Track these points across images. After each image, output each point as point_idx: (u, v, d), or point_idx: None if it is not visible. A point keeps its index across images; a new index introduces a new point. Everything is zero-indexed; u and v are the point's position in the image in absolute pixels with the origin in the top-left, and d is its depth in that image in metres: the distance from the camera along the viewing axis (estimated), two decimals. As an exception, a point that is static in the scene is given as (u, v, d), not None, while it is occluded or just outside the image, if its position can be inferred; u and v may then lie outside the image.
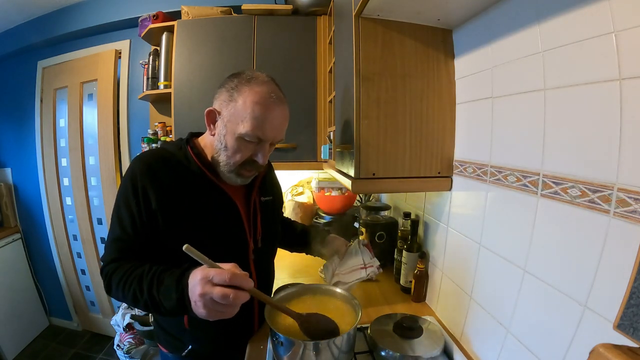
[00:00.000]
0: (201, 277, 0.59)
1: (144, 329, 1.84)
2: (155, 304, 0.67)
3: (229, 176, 0.81)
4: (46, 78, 2.34)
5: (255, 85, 0.75)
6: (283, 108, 0.78)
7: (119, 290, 0.72)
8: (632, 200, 0.45)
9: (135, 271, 0.71)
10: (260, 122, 0.74)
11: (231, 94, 0.75)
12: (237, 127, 0.74)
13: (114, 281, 0.72)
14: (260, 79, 0.76)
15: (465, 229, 0.90)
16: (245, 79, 0.76)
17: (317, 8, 1.59)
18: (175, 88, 1.61)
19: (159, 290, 0.66)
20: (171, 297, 0.64)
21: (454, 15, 0.86)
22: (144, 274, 0.70)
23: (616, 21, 0.47)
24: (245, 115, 0.73)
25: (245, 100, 0.73)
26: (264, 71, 0.81)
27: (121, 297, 0.72)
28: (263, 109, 0.74)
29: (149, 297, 0.67)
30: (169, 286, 0.65)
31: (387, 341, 0.82)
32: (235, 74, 0.79)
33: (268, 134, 0.76)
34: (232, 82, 0.76)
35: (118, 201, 0.77)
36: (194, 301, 0.60)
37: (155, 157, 0.79)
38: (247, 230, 0.86)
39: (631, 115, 0.46)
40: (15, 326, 2.29)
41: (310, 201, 1.91)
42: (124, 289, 0.70)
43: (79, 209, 2.34)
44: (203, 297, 0.58)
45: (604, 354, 0.35)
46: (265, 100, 0.74)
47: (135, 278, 0.70)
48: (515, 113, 0.70)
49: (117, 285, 0.72)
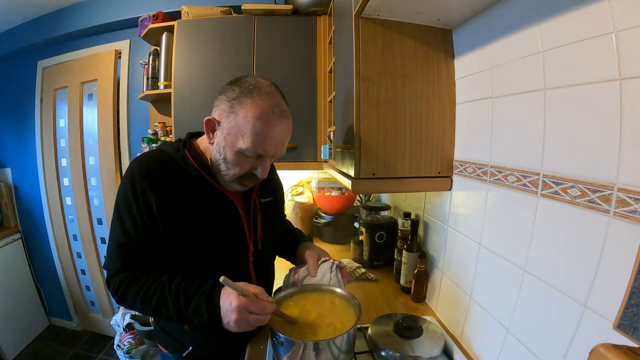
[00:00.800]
0: (238, 306, 0.67)
1: (144, 329, 1.84)
2: (183, 318, 0.72)
3: (230, 184, 0.79)
4: (46, 78, 2.34)
5: (258, 97, 0.70)
6: (286, 123, 0.74)
7: (136, 304, 0.74)
8: (632, 200, 0.45)
9: (153, 285, 0.73)
10: (262, 139, 0.70)
11: (232, 105, 0.71)
12: (236, 141, 0.71)
13: (129, 294, 0.74)
14: (263, 89, 0.72)
15: (465, 229, 0.90)
16: (248, 90, 0.71)
17: (317, 8, 1.59)
18: (175, 88, 1.61)
19: (188, 307, 0.71)
20: (202, 315, 0.70)
21: (454, 15, 0.86)
22: (165, 288, 0.72)
23: (616, 21, 0.47)
24: (245, 131, 0.70)
25: (247, 114, 0.69)
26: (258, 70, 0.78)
27: (139, 309, 0.75)
28: (265, 125, 0.70)
29: (175, 312, 0.72)
30: (199, 305, 0.71)
31: (387, 341, 0.82)
32: (237, 80, 0.74)
33: (269, 150, 0.73)
34: (234, 91, 0.72)
35: (118, 205, 0.75)
36: (228, 322, 0.69)
37: (154, 159, 0.77)
38: (247, 233, 0.85)
39: (631, 115, 0.46)
40: (15, 326, 2.29)
41: (310, 201, 1.91)
42: (143, 302, 0.73)
43: (79, 209, 2.34)
44: (239, 323, 0.68)
45: (604, 354, 0.35)
46: (267, 116, 0.70)
47: (156, 292, 0.72)
48: (515, 113, 0.70)
49: (135, 299, 0.73)
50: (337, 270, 0.90)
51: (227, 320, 0.69)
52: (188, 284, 0.73)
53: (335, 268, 0.90)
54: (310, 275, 0.89)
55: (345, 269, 0.94)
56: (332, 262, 0.91)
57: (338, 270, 0.90)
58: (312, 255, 0.92)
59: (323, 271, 0.90)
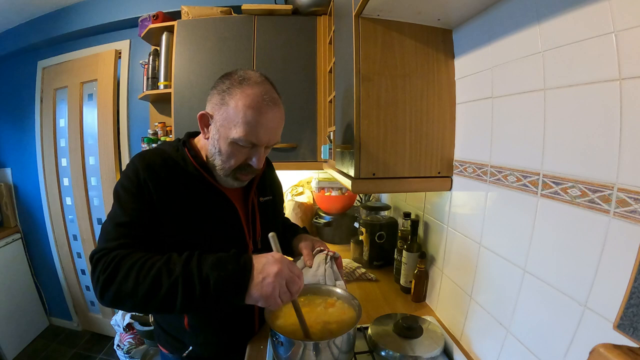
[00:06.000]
0: (281, 257, 0.65)
1: (144, 329, 1.84)
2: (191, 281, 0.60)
3: (226, 180, 0.80)
4: (46, 78, 2.34)
5: (247, 87, 0.71)
6: (277, 110, 0.75)
7: (130, 275, 0.60)
8: (632, 200, 0.45)
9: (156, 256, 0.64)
10: (253, 126, 0.71)
11: (223, 97, 0.72)
12: (229, 132, 0.72)
13: (123, 266, 0.62)
14: (252, 79, 0.73)
15: (465, 229, 0.90)
16: (237, 81, 0.72)
17: (317, 8, 1.59)
18: (175, 88, 1.61)
19: (204, 262, 0.62)
20: (226, 267, 0.61)
21: (454, 15, 0.86)
22: (173, 256, 0.64)
23: (616, 21, 0.47)
24: (237, 120, 0.71)
25: (237, 103, 0.71)
26: (258, 69, 0.79)
27: (132, 283, 0.60)
28: (256, 113, 0.71)
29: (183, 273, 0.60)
30: (223, 259, 0.63)
31: (387, 341, 0.82)
32: (227, 74, 0.76)
33: (262, 138, 0.73)
34: (224, 84, 0.73)
35: (119, 192, 0.73)
36: (264, 276, 0.61)
37: (155, 156, 0.78)
38: (247, 232, 0.85)
39: (631, 115, 0.46)
40: (15, 326, 2.29)
41: (310, 201, 1.91)
42: (141, 271, 0.61)
43: (79, 209, 2.34)
44: (278, 276, 0.62)
45: (604, 354, 0.35)
46: (257, 104, 0.71)
47: (160, 260, 0.63)
48: (515, 113, 0.70)
49: (130, 270, 0.61)
50: (332, 261, 0.90)
51: (264, 275, 0.61)
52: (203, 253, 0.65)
53: (330, 259, 0.89)
54: (306, 265, 0.90)
55: (341, 259, 0.94)
56: (326, 253, 0.91)
57: (333, 261, 0.90)
58: (306, 246, 0.93)
59: (318, 263, 0.89)
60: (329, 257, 0.90)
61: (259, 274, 0.62)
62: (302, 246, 0.93)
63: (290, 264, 0.66)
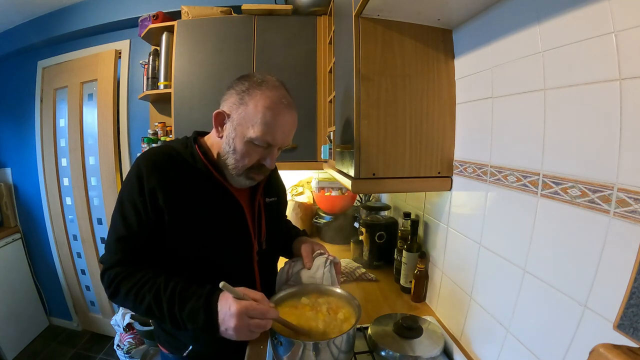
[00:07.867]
0: (238, 311, 0.64)
1: (144, 329, 1.84)
2: (176, 322, 0.69)
3: (238, 179, 0.80)
4: (46, 78, 2.34)
5: (267, 89, 0.74)
6: (293, 114, 0.78)
7: (128, 299, 0.71)
8: (632, 200, 0.45)
9: (148, 282, 0.71)
10: (271, 127, 0.74)
11: (242, 97, 0.75)
12: (247, 131, 0.74)
13: (122, 289, 0.71)
14: (271, 83, 0.76)
15: (465, 229, 0.90)
16: (257, 83, 0.75)
17: (317, 8, 1.59)
18: (175, 88, 1.61)
19: (182, 310, 0.68)
20: (197, 320, 0.67)
21: (454, 15, 0.86)
22: (161, 289, 0.70)
23: (616, 21, 0.47)
24: (256, 120, 0.73)
25: (257, 104, 0.73)
26: (258, 69, 0.80)
27: (130, 307, 0.73)
28: (274, 114, 0.74)
29: (169, 315, 0.69)
30: (195, 309, 0.68)
31: (387, 341, 0.82)
32: (245, 76, 0.78)
33: (278, 139, 0.76)
34: (243, 84, 0.76)
35: (122, 199, 0.75)
36: (226, 329, 0.66)
37: (162, 154, 0.78)
38: (252, 232, 0.86)
39: (631, 115, 0.46)
40: (15, 326, 2.29)
41: (310, 201, 1.91)
42: (136, 300, 0.70)
43: (79, 209, 2.34)
44: (238, 329, 0.65)
45: (604, 354, 0.35)
46: (276, 106, 0.74)
47: (150, 291, 0.70)
48: (515, 113, 0.70)
49: (127, 295, 0.71)
50: (331, 265, 0.90)
51: (225, 326, 0.66)
52: (185, 287, 0.70)
53: (330, 263, 0.89)
54: (305, 267, 0.90)
55: (340, 265, 0.94)
56: (326, 257, 0.91)
57: (332, 265, 0.90)
58: (306, 248, 0.94)
59: (317, 265, 0.89)
60: (329, 261, 0.90)
61: (222, 325, 0.67)
62: (302, 248, 0.94)
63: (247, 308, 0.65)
